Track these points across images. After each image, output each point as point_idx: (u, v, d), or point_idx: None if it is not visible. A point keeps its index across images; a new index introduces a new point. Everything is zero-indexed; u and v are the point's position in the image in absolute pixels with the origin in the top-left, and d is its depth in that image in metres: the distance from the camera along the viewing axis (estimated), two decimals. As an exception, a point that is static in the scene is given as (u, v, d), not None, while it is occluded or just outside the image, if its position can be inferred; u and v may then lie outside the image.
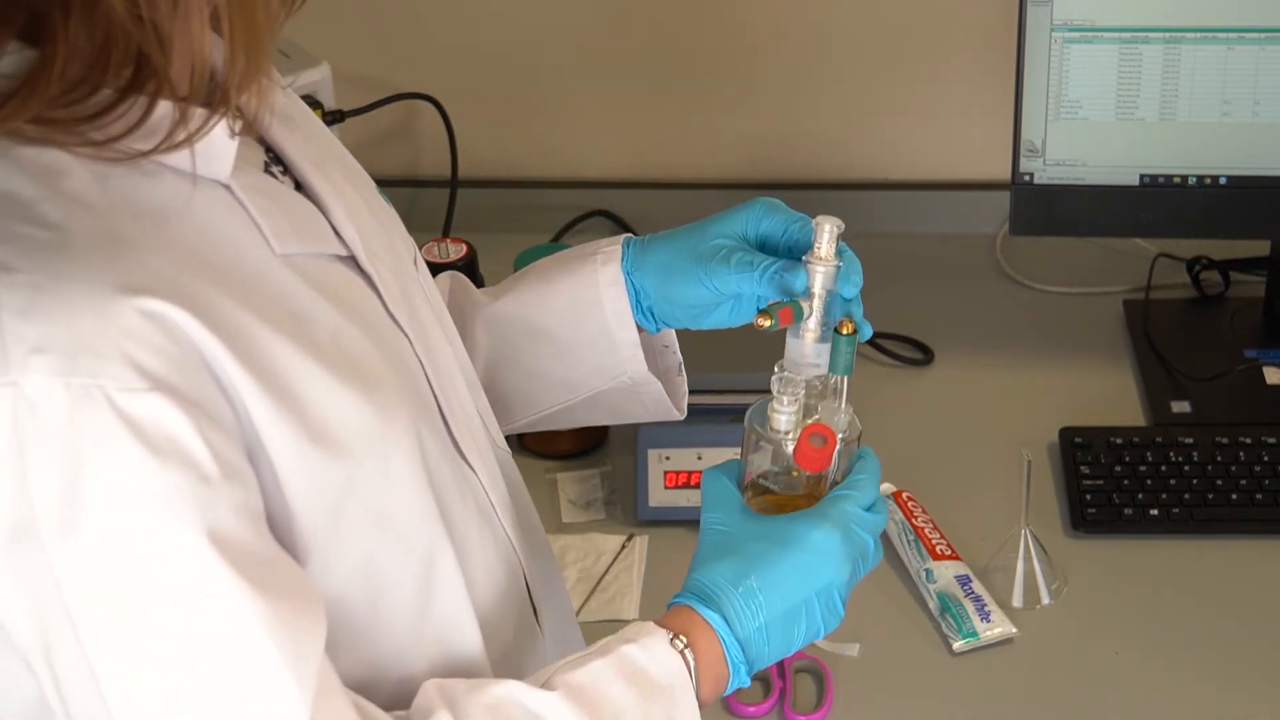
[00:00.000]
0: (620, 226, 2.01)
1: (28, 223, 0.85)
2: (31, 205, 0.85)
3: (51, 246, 0.84)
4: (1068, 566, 1.54)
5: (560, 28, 1.98)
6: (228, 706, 0.86)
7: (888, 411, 1.73)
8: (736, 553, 1.04)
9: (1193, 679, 1.43)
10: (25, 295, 0.83)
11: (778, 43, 1.97)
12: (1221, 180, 1.70)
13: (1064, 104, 1.69)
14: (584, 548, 1.57)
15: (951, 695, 1.43)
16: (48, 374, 0.82)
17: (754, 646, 1.03)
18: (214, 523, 0.85)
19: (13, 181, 0.86)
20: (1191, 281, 1.88)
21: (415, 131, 2.03)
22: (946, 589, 1.49)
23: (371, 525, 0.94)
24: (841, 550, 1.05)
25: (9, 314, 0.82)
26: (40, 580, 0.83)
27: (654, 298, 1.20)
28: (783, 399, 1.09)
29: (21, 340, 0.82)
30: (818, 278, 1.11)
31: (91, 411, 0.82)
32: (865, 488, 1.08)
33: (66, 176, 0.87)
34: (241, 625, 0.85)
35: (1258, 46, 1.65)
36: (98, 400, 0.82)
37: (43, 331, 0.82)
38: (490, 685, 0.96)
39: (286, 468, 0.89)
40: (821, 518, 1.05)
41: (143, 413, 0.83)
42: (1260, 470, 1.60)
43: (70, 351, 0.82)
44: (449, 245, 1.62)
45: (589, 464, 1.66)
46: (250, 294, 0.89)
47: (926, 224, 2.00)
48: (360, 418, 0.93)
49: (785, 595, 1.03)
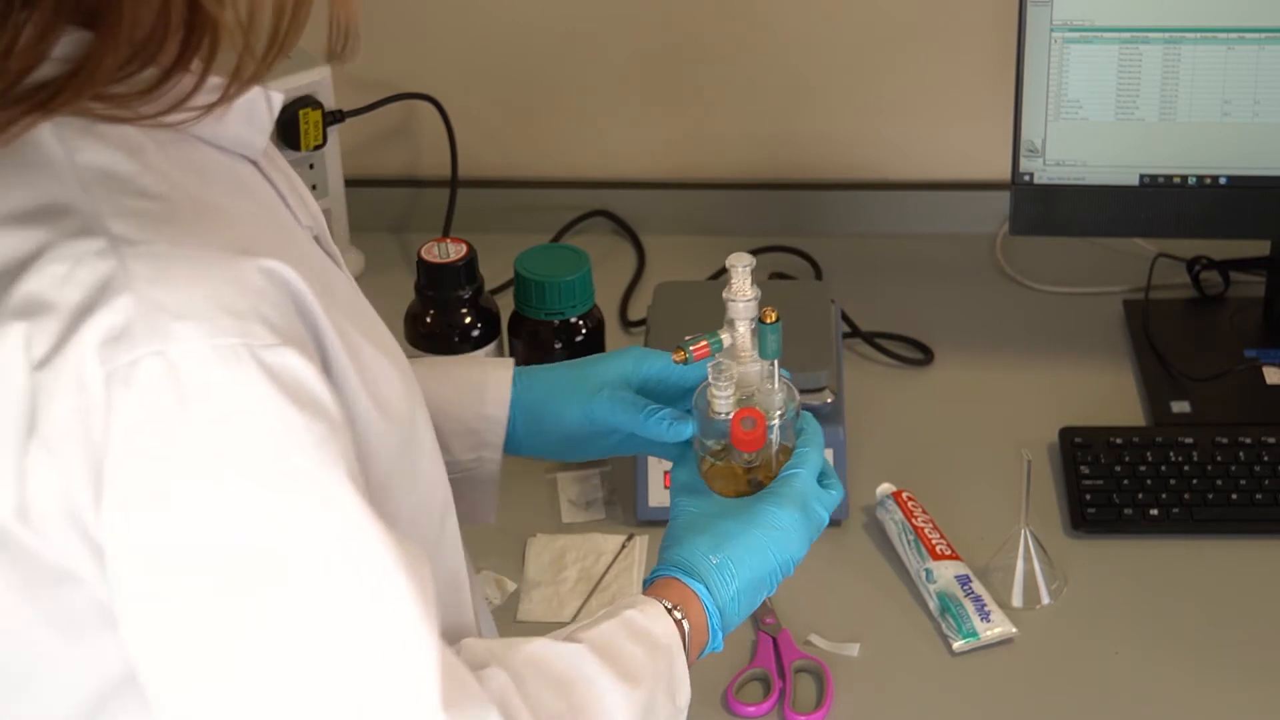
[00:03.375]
0: (620, 226, 2.01)
1: (134, 196, 0.87)
2: (132, 179, 0.88)
3: (162, 216, 0.87)
4: (1068, 566, 1.54)
5: (560, 28, 1.98)
6: (371, 644, 0.88)
7: (888, 411, 1.73)
8: (709, 531, 1.15)
9: (1192, 679, 1.43)
10: (153, 265, 0.85)
11: (778, 43, 1.97)
12: (1221, 180, 1.70)
13: (1064, 104, 1.69)
14: (584, 547, 1.57)
15: (951, 695, 1.43)
16: (193, 339, 0.84)
17: (728, 613, 1.14)
18: (348, 467, 0.88)
19: (107, 156, 0.88)
20: (1191, 281, 1.88)
21: (415, 131, 2.03)
22: (946, 589, 1.49)
23: (409, 485, 0.99)
24: (801, 527, 1.16)
25: (143, 284, 0.84)
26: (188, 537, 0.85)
27: (525, 431, 1.25)
28: (719, 384, 1.18)
29: (160, 309, 0.84)
30: (739, 311, 1.20)
31: (240, 370, 0.84)
32: (811, 458, 1.19)
33: (145, 151, 0.89)
34: (386, 565, 0.88)
35: (1258, 46, 1.65)
36: (244, 358, 0.85)
37: (179, 298, 0.84)
38: (524, 642, 1.02)
39: (362, 425, 0.93)
40: (783, 498, 1.16)
41: (282, 366, 0.86)
42: (1260, 470, 1.59)
43: (209, 314, 0.84)
44: (449, 245, 1.62)
45: (589, 464, 1.66)
46: (303, 261, 0.92)
47: (926, 224, 2.00)
48: (397, 384, 0.97)
49: (753, 567, 1.14)
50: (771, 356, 1.20)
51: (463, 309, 1.62)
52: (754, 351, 1.20)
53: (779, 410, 1.20)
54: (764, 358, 1.20)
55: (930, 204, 2.01)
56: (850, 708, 1.42)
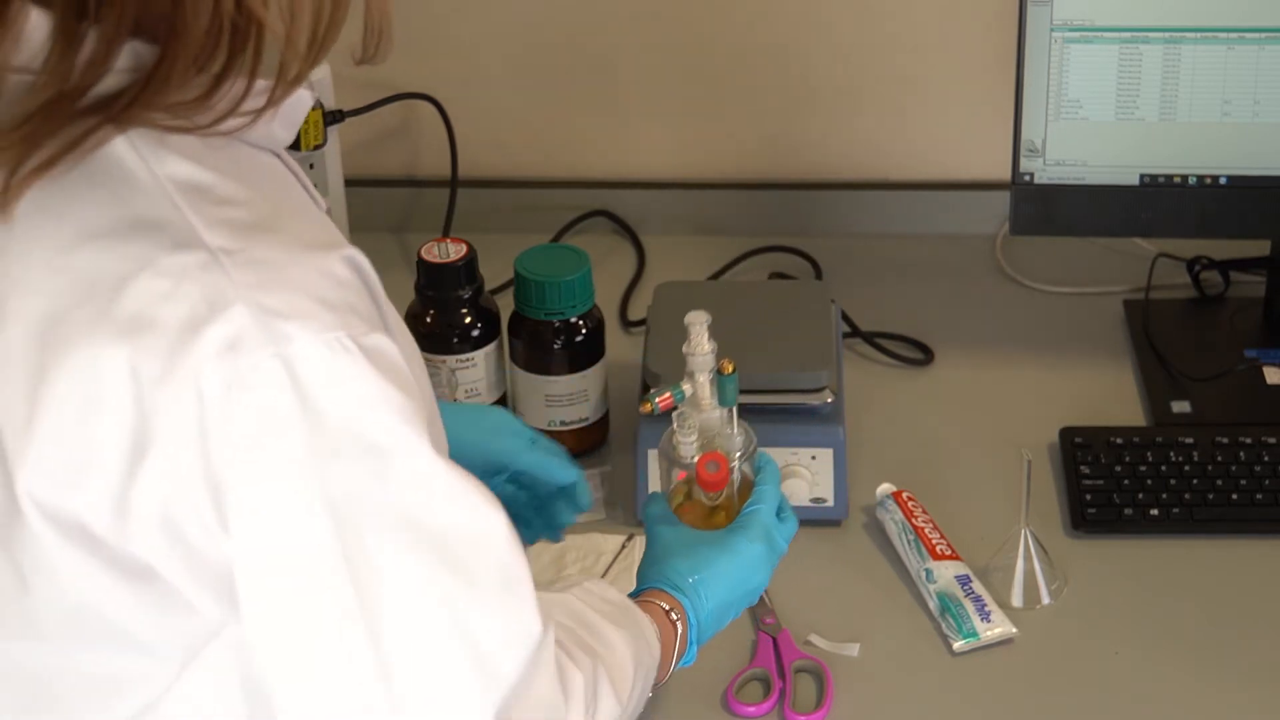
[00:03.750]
0: (620, 226, 2.01)
1: (219, 204, 0.90)
2: (213, 188, 0.91)
3: (247, 222, 0.90)
4: (1068, 566, 1.54)
5: (560, 28, 1.98)
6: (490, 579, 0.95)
7: (888, 411, 1.73)
8: (688, 555, 1.27)
9: (1192, 679, 1.43)
10: (255, 271, 0.89)
11: (778, 43, 1.97)
12: (1221, 180, 1.70)
13: (1064, 104, 1.69)
14: (584, 547, 1.57)
15: (951, 695, 1.43)
16: (304, 336, 0.88)
17: (704, 628, 1.25)
18: (431, 437, 0.94)
19: (186, 168, 0.91)
20: (1191, 281, 1.88)
21: (415, 131, 2.03)
22: (946, 589, 1.49)
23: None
24: (766, 557, 1.29)
25: (250, 291, 0.88)
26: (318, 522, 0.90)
27: None
28: (683, 431, 1.33)
29: (270, 313, 0.88)
30: (699, 364, 1.33)
31: (347, 359, 0.89)
32: (770, 494, 1.32)
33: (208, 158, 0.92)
34: (494, 526, 0.96)
35: (1258, 46, 1.65)
36: (351, 349, 0.89)
37: (283, 300, 0.88)
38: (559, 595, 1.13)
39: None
40: (752, 530, 1.29)
41: (376, 349, 0.91)
42: (1260, 470, 1.59)
43: (313, 311, 0.89)
44: (449, 245, 1.62)
45: (589, 464, 1.66)
46: None
47: (926, 224, 2.00)
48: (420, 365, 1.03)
49: (727, 589, 1.26)
50: (729, 404, 1.33)
51: (463, 309, 1.62)
52: (714, 400, 1.34)
53: (739, 452, 1.33)
54: (723, 405, 1.33)
55: (930, 204, 2.01)
56: (850, 708, 1.42)
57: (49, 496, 0.90)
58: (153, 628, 0.95)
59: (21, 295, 0.90)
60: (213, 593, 0.93)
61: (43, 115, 0.88)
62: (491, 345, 1.64)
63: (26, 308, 0.89)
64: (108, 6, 0.88)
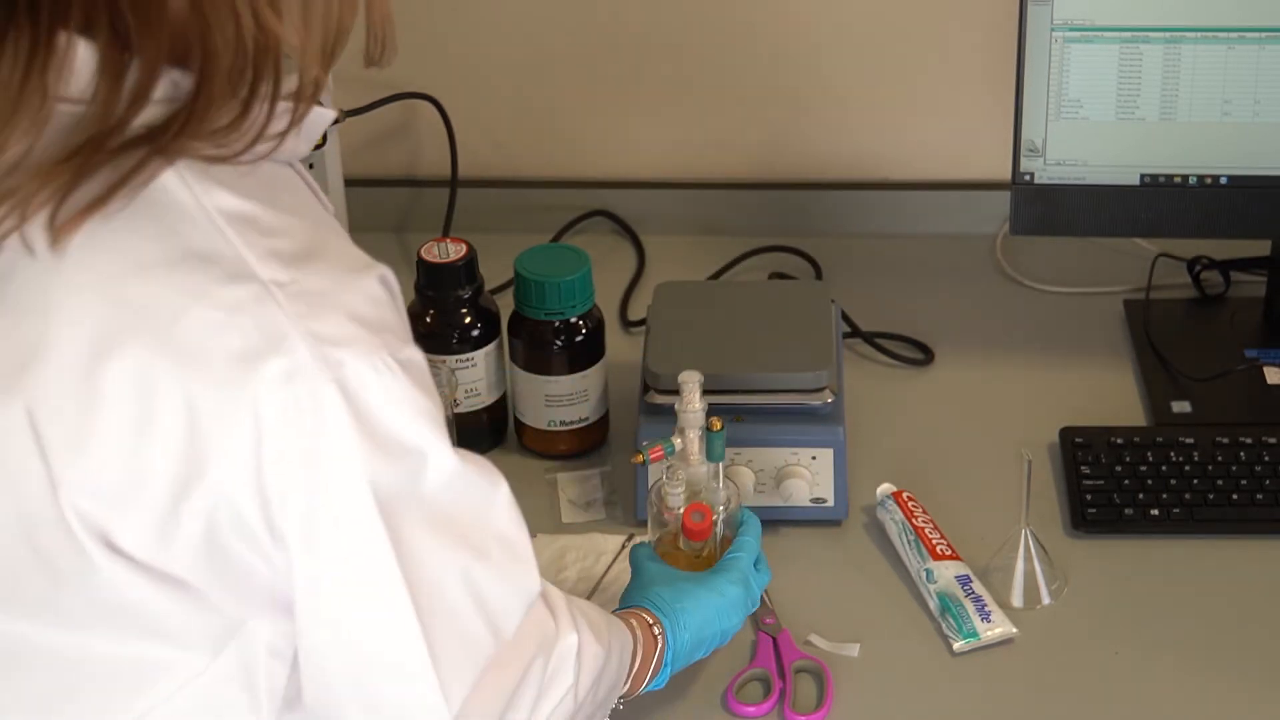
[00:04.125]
0: (620, 226, 2.01)
1: (266, 235, 0.93)
2: (258, 219, 0.94)
3: (292, 251, 0.94)
4: (1068, 566, 1.53)
5: (560, 28, 1.98)
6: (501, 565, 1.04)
7: (888, 411, 1.73)
8: (672, 586, 1.34)
9: (1193, 679, 1.43)
10: (305, 302, 0.92)
11: (777, 42, 1.97)
12: (1221, 180, 1.70)
13: (1064, 104, 1.69)
14: (584, 547, 1.57)
15: (951, 695, 1.43)
16: (354, 362, 0.93)
17: (679, 655, 1.31)
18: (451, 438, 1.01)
19: (233, 200, 0.94)
20: (1192, 281, 1.88)
21: (415, 131, 2.03)
22: (946, 589, 1.49)
23: None
24: (742, 600, 1.36)
25: (300, 319, 0.92)
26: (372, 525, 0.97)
27: None
28: (672, 483, 1.42)
29: (320, 340, 0.92)
30: (689, 421, 1.42)
31: (390, 378, 0.95)
32: (750, 546, 1.40)
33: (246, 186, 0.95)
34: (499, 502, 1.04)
35: (1258, 46, 1.65)
36: (392, 366, 0.95)
37: (331, 327, 0.93)
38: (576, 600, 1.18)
39: None
40: (732, 574, 1.36)
41: (410, 361, 0.97)
42: (1261, 470, 1.59)
43: (359, 335, 0.94)
44: (449, 245, 1.62)
45: (589, 464, 1.66)
46: None
47: (926, 224, 2.00)
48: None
49: (704, 623, 1.33)
50: (717, 459, 1.41)
51: (463, 309, 1.62)
52: (702, 455, 1.42)
53: (723, 505, 1.43)
54: (710, 461, 1.42)
55: (930, 204, 2.01)
56: (850, 708, 1.42)
57: (93, 512, 0.93)
58: (182, 623, 0.99)
59: (74, 323, 0.91)
60: (237, 598, 0.99)
61: (92, 147, 0.90)
62: (491, 345, 1.64)
63: (79, 335, 0.91)
64: (146, 36, 0.90)
